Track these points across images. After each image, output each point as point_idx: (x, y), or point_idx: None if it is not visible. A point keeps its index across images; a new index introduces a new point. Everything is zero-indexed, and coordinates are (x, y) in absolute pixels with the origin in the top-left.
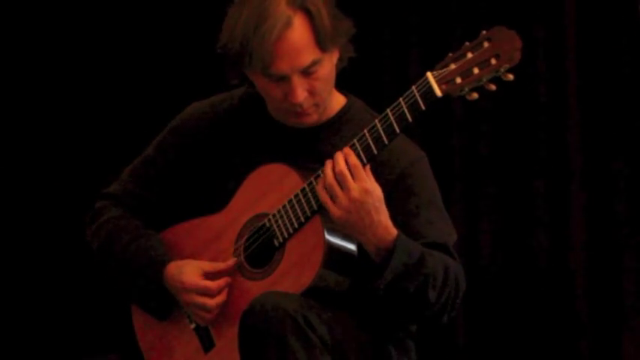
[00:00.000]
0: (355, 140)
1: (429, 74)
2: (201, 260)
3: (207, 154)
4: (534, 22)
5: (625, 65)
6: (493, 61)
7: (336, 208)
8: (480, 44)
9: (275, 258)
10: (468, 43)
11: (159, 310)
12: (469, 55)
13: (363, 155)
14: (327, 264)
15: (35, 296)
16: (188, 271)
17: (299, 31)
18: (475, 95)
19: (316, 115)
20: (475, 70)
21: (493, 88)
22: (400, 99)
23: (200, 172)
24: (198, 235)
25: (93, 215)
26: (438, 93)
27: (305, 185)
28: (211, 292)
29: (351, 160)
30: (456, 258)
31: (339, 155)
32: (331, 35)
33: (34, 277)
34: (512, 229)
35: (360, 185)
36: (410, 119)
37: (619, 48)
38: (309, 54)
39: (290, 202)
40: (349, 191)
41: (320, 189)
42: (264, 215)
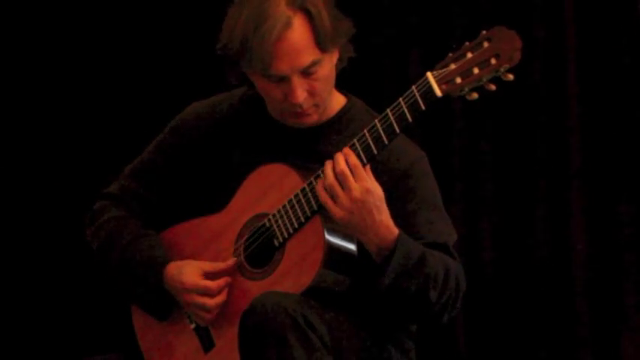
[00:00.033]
0: (355, 140)
1: (429, 74)
2: (201, 260)
3: (207, 154)
4: (534, 22)
5: (625, 65)
6: (493, 61)
7: (338, 208)
8: (480, 44)
9: (275, 258)
10: (468, 43)
11: (159, 311)
12: (469, 55)
13: (363, 155)
14: (327, 264)
15: (35, 296)
16: (188, 272)
17: (299, 32)
18: (475, 95)
19: (316, 116)
20: (475, 70)
21: (493, 88)
22: (400, 99)
23: (200, 172)
24: (198, 235)
25: (93, 215)
26: (438, 93)
27: (305, 185)
28: (211, 292)
29: (351, 160)
30: (456, 258)
31: (339, 156)
32: (331, 36)
33: (34, 277)
34: (512, 229)
35: (362, 185)
36: (410, 119)
37: (619, 48)
38: (308, 54)
39: (290, 202)
40: (350, 191)
41: (320, 190)
42: (264, 215)
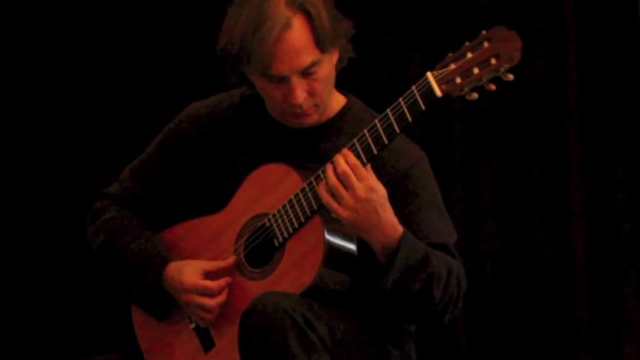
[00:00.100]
0: (355, 140)
1: (429, 74)
2: (201, 260)
3: (206, 154)
4: (534, 23)
5: (625, 65)
6: (493, 61)
7: (343, 209)
8: (480, 44)
9: (275, 258)
10: (468, 43)
11: (159, 311)
12: (469, 55)
13: (363, 155)
14: (327, 264)
15: (35, 296)
16: (188, 272)
17: (298, 32)
18: (475, 95)
19: (316, 116)
20: (475, 70)
21: (493, 88)
22: (400, 99)
23: (200, 172)
24: (198, 235)
25: (93, 215)
26: (438, 93)
27: (305, 185)
28: (211, 292)
29: (351, 160)
30: (457, 258)
31: (338, 157)
32: (331, 36)
33: (34, 276)
34: (512, 229)
35: (365, 184)
36: (410, 119)
37: (619, 48)
38: (308, 55)
39: (290, 202)
40: (354, 190)
41: (323, 192)
42: (264, 215)
